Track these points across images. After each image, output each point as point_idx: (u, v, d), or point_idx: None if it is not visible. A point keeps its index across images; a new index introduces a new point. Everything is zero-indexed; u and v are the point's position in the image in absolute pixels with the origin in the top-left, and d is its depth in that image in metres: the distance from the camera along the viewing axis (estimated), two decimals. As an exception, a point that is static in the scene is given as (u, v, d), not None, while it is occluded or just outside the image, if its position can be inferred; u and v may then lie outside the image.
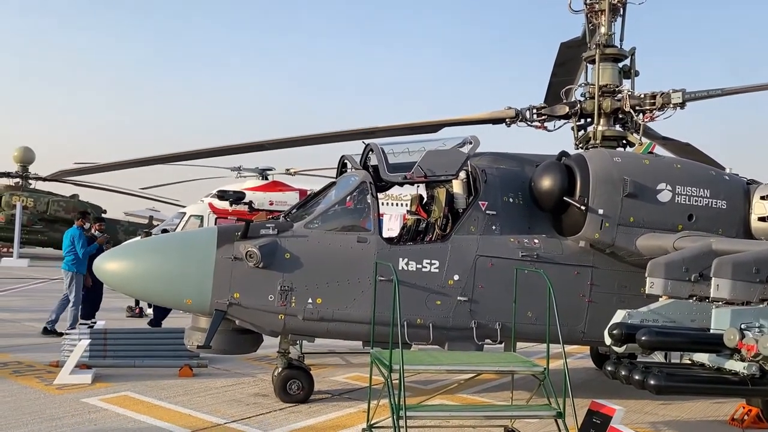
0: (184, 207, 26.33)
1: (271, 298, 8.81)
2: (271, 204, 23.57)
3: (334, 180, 10.37)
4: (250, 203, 22.18)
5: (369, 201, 9.26)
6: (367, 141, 10.04)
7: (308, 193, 15.18)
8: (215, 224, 20.50)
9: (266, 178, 26.18)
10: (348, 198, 9.41)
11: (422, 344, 9.44)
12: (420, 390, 10.09)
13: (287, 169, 26.65)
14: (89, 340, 10.35)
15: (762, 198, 9.45)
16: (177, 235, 14.08)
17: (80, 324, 12.58)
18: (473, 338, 9.21)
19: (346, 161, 10.25)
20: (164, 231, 18.78)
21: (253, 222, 9.26)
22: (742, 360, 6.76)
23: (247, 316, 8.93)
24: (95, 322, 11.93)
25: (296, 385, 9.25)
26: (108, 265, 9.19)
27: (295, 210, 10.00)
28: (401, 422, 6.38)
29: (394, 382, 6.78)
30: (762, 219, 9.39)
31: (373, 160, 9.62)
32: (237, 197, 21.94)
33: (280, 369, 9.52)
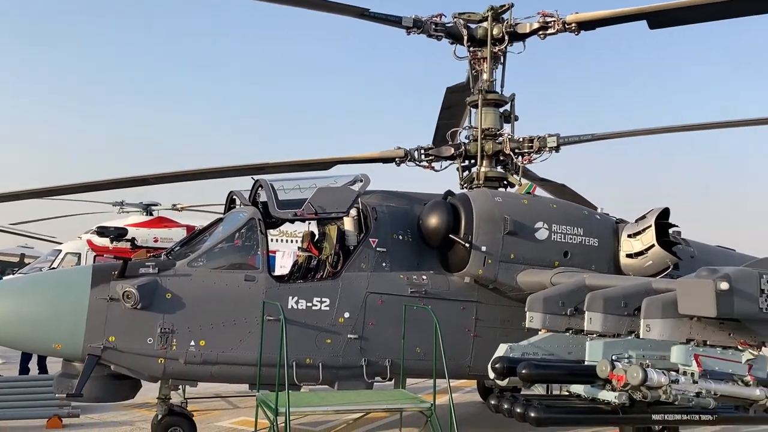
0: (60, 244, 24.73)
1: (150, 341, 8.36)
2: (156, 241, 22.57)
3: (221, 216, 10.10)
4: (132, 240, 21.17)
5: (258, 238, 9.09)
6: (256, 177, 9.90)
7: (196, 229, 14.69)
8: (94, 262, 19.31)
9: (151, 214, 25.11)
10: (236, 235, 9.19)
11: (312, 384, 9.27)
12: (309, 432, 9.88)
13: (174, 205, 25.70)
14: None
15: (629, 236, 10.17)
16: (47, 273, 13.14)
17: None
18: (363, 376, 9.16)
19: (234, 197, 10.04)
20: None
21: (131, 260, 8.80)
22: (614, 390, 7.12)
23: (124, 361, 8.42)
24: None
25: (177, 432, 8.80)
26: None
27: (178, 247, 9.62)
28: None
29: (280, 425, 6.60)
30: (629, 256, 10.09)
31: (263, 197, 9.49)
32: (118, 234, 20.90)
33: (160, 416, 9.02)
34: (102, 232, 21.23)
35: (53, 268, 20.62)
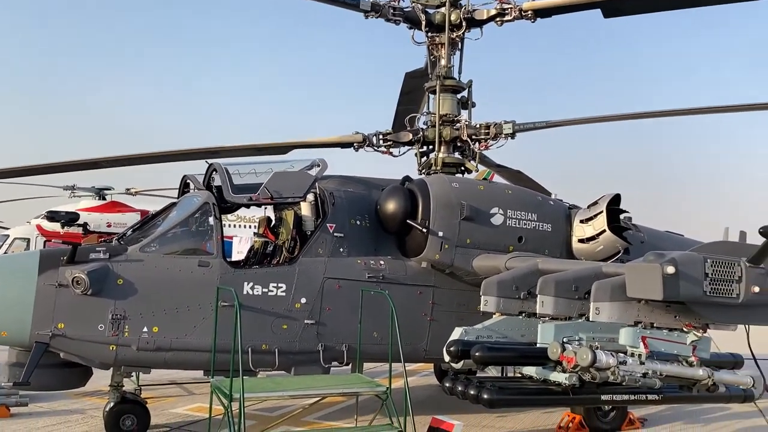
0: (8, 229, 23.97)
1: (101, 327, 8.19)
2: (109, 226, 22.07)
3: (175, 201, 9.91)
4: (84, 225, 20.60)
5: (212, 223, 8.95)
6: (211, 161, 9.74)
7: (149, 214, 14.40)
8: (44, 248, 18.78)
9: (104, 198, 24.52)
10: (189, 220, 9.03)
11: (268, 370, 9.23)
12: (266, 417, 9.85)
13: (128, 189, 25.14)
14: None
15: (581, 221, 10.39)
16: (-8, 259, 12.67)
17: None
18: (320, 361, 9.17)
19: (188, 181, 9.86)
20: None
21: (81, 245, 8.57)
22: (564, 371, 7.32)
23: (74, 348, 8.23)
24: None
25: (130, 420, 8.70)
26: None
27: (130, 232, 9.40)
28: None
29: (234, 411, 6.56)
30: (581, 241, 10.32)
31: (217, 181, 9.34)
32: (69, 218, 20.30)
33: (112, 404, 8.87)
34: (52, 216, 20.61)
35: (0, 253, 19.99)
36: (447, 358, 7.81)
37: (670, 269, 6.67)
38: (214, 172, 9.45)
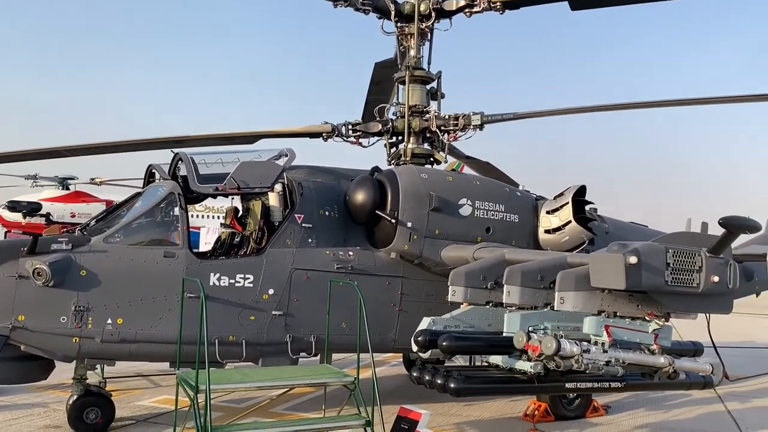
0: (-34, 219, 23.26)
1: (63, 319, 8.03)
2: (73, 216, 21.66)
3: (140, 190, 9.75)
4: (47, 215, 20.14)
5: (177, 213, 8.82)
6: (176, 150, 9.58)
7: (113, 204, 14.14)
8: (4, 238, 18.32)
9: (67, 188, 24.01)
10: (155, 210, 8.89)
11: (235, 362, 9.17)
12: (233, 409, 9.78)
13: (92, 179, 24.64)
14: None
15: (548, 212, 10.50)
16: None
17: None
18: (288, 352, 9.14)
19: (154, 171, 9.70)
20: None
21: (42, 236, 8.38)
22: (529, 360, 7.41)
23: (35, 341, 8.06)
24: None
25: (94, 413, 8.58)
26: None
27: (93, 223, 9.22)
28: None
29: (201, 403, 6.50)
30: (548, 231, 10.44)
31: (183, 170, 9.19)
32: (32, 208, 19.82)
33: (75, 397, 8.73)
34: (13, 206, 20.12)
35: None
36: (415, 347, 7.85)
37: (633, 259, 6.79)
38: (179, 162, 9.31)
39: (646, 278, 6.93)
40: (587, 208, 10.50)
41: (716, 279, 7.15)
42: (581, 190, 10.38)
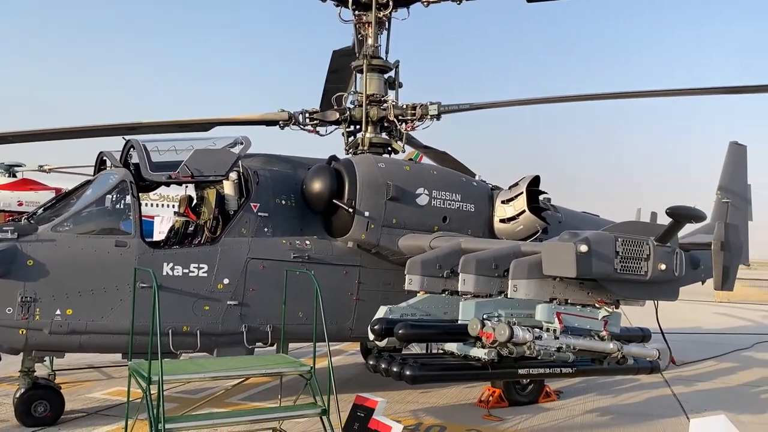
0: None
1: (9, 311, 7.82)
2: (21, 204, 21.00)
3: (90, 178, 9.49)
4: (-7, 204, 19.45)
5: (129, 201, 8.64)
6: (128, 137, 9.35)
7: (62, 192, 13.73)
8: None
9: (14, 175, 23.22)
10: (105, 198, 8.68)
11: (189, 352, 9.05)
12: (188, 400, 9.66)
13: (40, 166, 23.86)
14: None
15: (503, 202, 10.65)
16: None
17: None
18: (244, 342, 9.07)
19: (105, 158, 9.46)
20: None
21: (-15, 225, 8.09)
22: (483, 347, 7.53)
23: (-21, 333, 7.80)
24: None
25: (42, 406, 8.38)
26: None
27: (41, 211, 8.94)
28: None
29: (153, 394, 6.40)
30: (503, 221, 10.59)
31: (135, 158, 8.99)
32: (-25, 197, 19.11)
33: (23, 390, 8.49)
34: (-44, 195, 19.35)
35: None
36: (371, 336, 7.89)
37: (583, 248, 6.95)
38: (131, 149, 9.10)
39: (596, 266, 7.11)
40: (541, 197, 10.68)
41: (663, 267, 7.38)
42: (535, 180, 10.55)
